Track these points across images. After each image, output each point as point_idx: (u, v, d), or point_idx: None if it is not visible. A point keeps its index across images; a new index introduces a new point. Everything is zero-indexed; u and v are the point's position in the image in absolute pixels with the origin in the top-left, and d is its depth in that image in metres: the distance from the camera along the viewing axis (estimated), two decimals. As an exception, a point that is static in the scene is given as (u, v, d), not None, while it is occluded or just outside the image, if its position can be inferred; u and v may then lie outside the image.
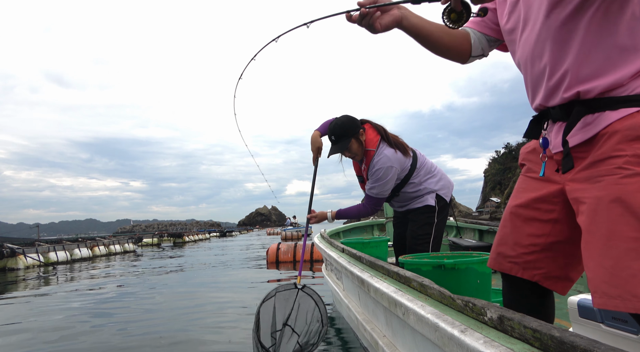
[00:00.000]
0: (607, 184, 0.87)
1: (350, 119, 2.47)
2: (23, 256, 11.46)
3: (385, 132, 2.47)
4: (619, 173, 0.85)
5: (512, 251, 1.15)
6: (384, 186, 2.35)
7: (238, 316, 4.07)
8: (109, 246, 16.39)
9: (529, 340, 0.83)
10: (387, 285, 1.64)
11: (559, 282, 1.12)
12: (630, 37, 0.88)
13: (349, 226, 6.01)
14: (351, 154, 2.47)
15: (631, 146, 0.84)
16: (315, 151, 2.62)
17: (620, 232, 0.83)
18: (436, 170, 2.66)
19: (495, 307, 0.98)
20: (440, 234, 2.57)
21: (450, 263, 1.85)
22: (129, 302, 5.08)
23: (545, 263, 1.10)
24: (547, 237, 1.09)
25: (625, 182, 0.84)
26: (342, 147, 2.40)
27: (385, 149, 2.38)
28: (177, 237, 26.17)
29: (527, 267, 1.12)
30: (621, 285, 0.82)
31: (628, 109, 0.86)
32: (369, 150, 2.43)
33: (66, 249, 13.52)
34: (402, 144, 2.47)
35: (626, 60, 0.89)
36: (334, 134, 2.42)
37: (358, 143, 2.43)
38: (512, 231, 1.16)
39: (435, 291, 1.30)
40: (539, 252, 1.10)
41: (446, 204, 2.61)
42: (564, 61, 0.95)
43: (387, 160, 2.35)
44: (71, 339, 3.43)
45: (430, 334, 1.15)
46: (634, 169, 0.83)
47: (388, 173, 2.34)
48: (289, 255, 8.52)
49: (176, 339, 3.27)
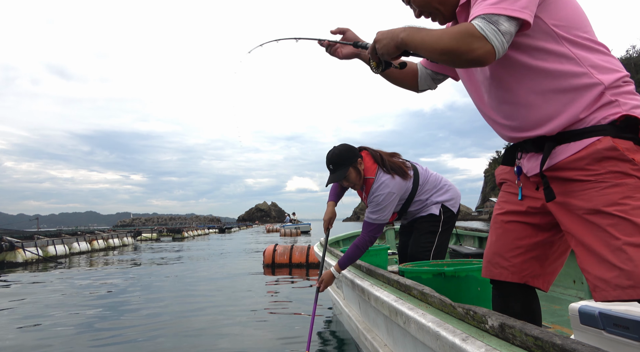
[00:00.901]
0: (589, 197, 1.01)
1: (348, 147, 2.48)
2: (22, 249, 11.45)
3: (382, 159, 2.47)
4: (597, 187, 1.00)
5: (500, 257, 1.24)
6: (383, 211, 2.34)
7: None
8: (107, 240, 16.40)
9: (530, 348, 0.83)
10: (388, 293, 1.64)
11: (541, 279, 1.22)
12: (567, 80, 1.03)
13: (349, 234, 5.99)
14: (349, 183, 2.47)
15: (602, 165, 1.00)
16: (327, 221, 2.68)
17: (616, 233, 0.96)
18: (441, 182, 2.65)
19: (496, 315, 0.98)
20: (444, 244, 2.55)
21: (450, 271, 1.85)
22: (115, 314, 5.03)
23: (530, 263, 1.21)
24: (530, 238, 1.20)
25: (607, 192, 0.98)
26: (339, 176, 2.41)
27: (383, 176, 2.39)
28: (177, 232, 26.13)
29: (515, 270, 1.21)
30: (633, 277, 0.92)
31: (590, 139, 1.01)
32: (368, 179, 2.44)
33: (65, 243, 13.54)
34: (399, 167, 2.46)
35: (573, 100, 1.03)
36: (332, 163, 2.43)
37: (356, 172, 2.43)
38: (498, 239, 1.26)
39: (435, 299, 1.30)
40: (524, 253, 1.21)
41: (453, 215, 2.60)
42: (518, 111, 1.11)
43: (386, 187, 2.36)
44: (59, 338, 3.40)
45: (432, 342, 1.14)
46: (612, 182, 0.98)
47: (388, 199, 2.35)
48: (285, 257, 8.50)
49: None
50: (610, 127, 1.00)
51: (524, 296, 1.24)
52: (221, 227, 40.86)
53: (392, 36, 1.10)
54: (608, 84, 1.02)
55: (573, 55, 1.03)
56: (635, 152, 0.98)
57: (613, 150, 0.98)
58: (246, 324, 4.04)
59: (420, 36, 1.05)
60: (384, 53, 1.14)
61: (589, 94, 1.02)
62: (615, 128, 1.00)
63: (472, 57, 0.97)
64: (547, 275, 1.23)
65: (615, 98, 1.01)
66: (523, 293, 1.24)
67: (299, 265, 8.38)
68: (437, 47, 1.01)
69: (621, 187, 0.97)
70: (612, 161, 0.99)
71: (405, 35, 1.07)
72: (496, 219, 1.28)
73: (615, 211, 0.97)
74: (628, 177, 0.97)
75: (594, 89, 1.02)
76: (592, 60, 1.03)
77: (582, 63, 1.03)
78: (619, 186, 0.97)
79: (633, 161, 0.97)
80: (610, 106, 1.02)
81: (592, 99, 1.02)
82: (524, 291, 1.24)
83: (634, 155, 0.98)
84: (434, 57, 1.05)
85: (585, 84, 1.02)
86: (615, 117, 1.00)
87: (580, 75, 1.03)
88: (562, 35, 1.03)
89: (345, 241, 5.92)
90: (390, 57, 1.16)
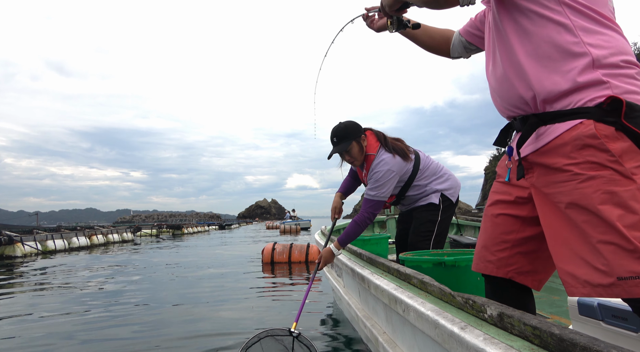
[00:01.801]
0: (569, 190, 0.98)
1: (354, 123, 2.52)
2: (21, 243, 11.47)
3: (385, 138, 2.52)
4: (576, 179, 0.96)
5: (487, 251, 1.23)
6: (382, 188, 2.37)
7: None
8: (107, 235, 16.45)
9: (528, 337, 0.83)
10: (388, 282, 1.65)
11: (530, 277, 1.19)
12: (557, 47, 1.00)
13: (348, 223, 6.01)
14: (351, 157, 2.50)
15: (581, 154, 0.96)
16: (333, 211, 2.72)
17: (589, 230, 0.94)
18: (442, 171, 2.67)
19: (495, 305, 0.98)
20: (443, 233, 2.58)
21: (450, 260, 1.85)
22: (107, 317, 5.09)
23: (516, 259, 1.18)
24: (517, 233, 1.17)
25: (583, 186, 0.95)
26: (342, 148, 2.44)
27: (384, 153, 2.43)
28: (176, 229, 26.33)
29: (500, 265, 1.20)
30: (603, 276, 0.91)
31: (573, 121, 0.98)
32: (369, 155, 2.48)
33: (64, 237, 13.58)
34: (402, 149, 2.49)
35: (558, 68, 1.00)
36: (337, 135, 2.46)
37: (359, 147, 2.47)
38: (485, 232, 1.25)
39: (435, 288, 1.31)
40: (510, 248, 1.18)
41: (452, 204, 2.62)
42: (510, 75, 1.09)
43: (385, 164, 2.39)
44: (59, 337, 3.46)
45: (430, 331, 1.15)
46: (587, 174, 0.95)
47: (387, 176, 2.37)
48: (284, 256, 8.55)
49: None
50: (595, 110, 0.96)
51: (515, 291, 1.21)
52: (221, 224, 40.94)
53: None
54: (597, 58, 0.97)
55: (571, 24, 0.99)
56: (614, 140, 0.93)
57: (593, 138, 0.94)
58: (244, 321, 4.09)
59: None
60: (387, 4, 1.27)
61: (575, 63, 0.98)
62: (600, 111, 0.95)
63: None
64: (539, 273, 1.19)
65: (607, 79, 0.96)
66: (514, 288, 1.21)
67: (299, 263, 8.43)
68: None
69: (596, 180, 0.94)
70: (591, 150, 0.95)
71: None
72: (486, 211, 1.27)
73: (589, 206, 0.94)
74: (604, 169, 0.93)
75: (580, 59, 0.98)
76: (588, 30, 0.99)
77: (577, 32, 0.99)
78: (593, 179, 0.94)
79: (610, 151, 0.93)
80: (600, 87, 0.96)
81: (577, 70, 0.98)
82: (515, 286, 1.21)
83: (612, 144, 0.93)
84: (422, 1, 1.13)
85: (574, 51, 0.99)
86: (602, 99, 0.95)
87: (571, 44, 0.99)
88: (565, 2, 1.00)
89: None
90: (392, 9, 1.28)
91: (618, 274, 0.89)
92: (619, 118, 0.93)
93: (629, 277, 0.88)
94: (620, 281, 0.89)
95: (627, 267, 0.89)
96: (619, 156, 0.92)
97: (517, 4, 1.05)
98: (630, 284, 0.88)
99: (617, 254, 0.90)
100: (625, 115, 0.92)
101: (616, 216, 0.91)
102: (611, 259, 0.90)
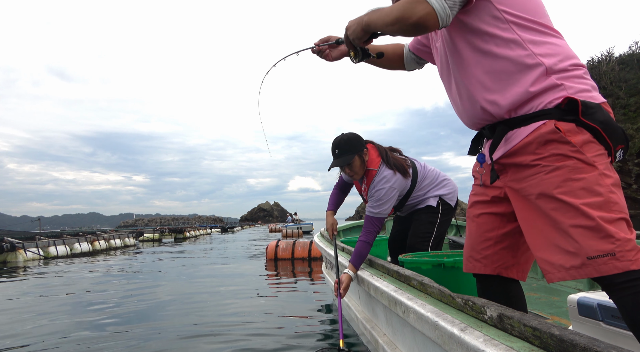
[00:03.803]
0: (537, 182, 1.05)
1: (356, 136, 2.49)
2: (23, 250, 11.51)
3: (386, 154, 2.49)
4: (542, 171, 1.04)
5: (474, 250, 1.29)
6: (384, 205, 2.36)
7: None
8: (109, 241, 16.42)
9: (528, 338, 0.83)
10: (387, 283, 1.65)
11: (514, 269, 1.25)
12: (511, 62, 1.08)
13: (349, 224, 6.01)
14: (351, 171, 2.46)
15: (546, 148, 1.04)
16: (330, 229, 2.77)
17: (558, 216, 1.00)
18: (438, 178, 2.66)
19: (495, 306, 0.98)
20: (442, 235, 2.58)
21: (450, 262, 1.85)
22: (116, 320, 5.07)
23: (501, 255, 1.24)
24: (498, 229, 1.24)
25: (549, 176, 1.02)
26: (344, 161, 2.40)
27: (386, 170, 2.40)
28: (179, 232, 26.42)
29: (487, 263, 1.26)
30: (575, 258, 0.97)
31: (536, 123, 1.06)
32: (371, 170, 2.44)
33: (66, 243, 13.58)
34: (402, 165, 2.47)
35: (517, 80, 1.08)
36: (339, 148, 2.42)
37: (361, 161, 2.44)
38: (470, 233, 1.31)
39: (435, 290, 1.31)
40: (494, 245, 1.24)
41: (451, 208, 2.62)
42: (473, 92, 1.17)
43: (387, 181, 2.37)
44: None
45: (430, 332, 1.15)
46: (553, 165, 1.02)
47: (389, 194, 2.36)
48: (288, 252, 8.57)
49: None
50: (555, 111, 1.04)
51: (505, 286, 1.27)
52: (223, 227, 40.92)
53: (359, 21, 1.19)
54: (550, 66, 1.05)
55: (520, 40, 1.08)
56: (575, 134, 1.01)
57: (554, 133, 1.02)
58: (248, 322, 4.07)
59: (377, 14, 1.13)
60: (355, 38, 1.23)
61: (531, 74, 1.06)
62: (560, 111, 1.04)
63: (415, 19, 1.04)
64: (521, 264, 1.26)
65: (561, 82, 1.05)
66: (503, 284, 1.27)
67: (301, 259, 8.43)
68: (389, 20, 1.09)
69: (562, 170, 1.01)
70: (554, 144, 1.03)
71: (367, 18, 1.16)
72: (468, 214, 1.34)
73: (557, 194, 1.00)
74: (568, 159, 1.01)
75: (535, 70, 1.06)
76: (536, 43, 1.07)
77: (526, 46, 1.07)
78: (559, 169, 1.01)
79: (571, 143, 1.01)
80: (556, 90, 1.05)
81: (533, 79, 1.06)
82: (504, 281, 1.27)
83: (573, 137, 1.01)
84: (391, 29, 1.11)
85: (528, 64, 1.07)
86: (559, 100, 1.04)
87: (524, 57, 1.07)
88: (511, 20, 1.08)
89: (345, 232, 5.94)
90: (361, 41, 1.24)
91: (587, 254, 0.95)
92: (577, 116, 1.02)
93: (597, 256, 0.95)
94: (589, 260, 0.95)
95: (595, 247, 0.95)
96: (580, 147, 1.00)
97: (468, 26, 1.12)
98: (599, 262, 0.94)
99: (585, 235, 0.96)
100: (583, 113, 1.01)
101: (582, 200, 0.98)
102: (581, 241, 0.96)
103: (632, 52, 39.88)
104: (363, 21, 1.17)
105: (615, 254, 0.93)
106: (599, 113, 1.02)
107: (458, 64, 1.20)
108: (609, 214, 0.96)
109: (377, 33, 1.21)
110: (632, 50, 39.30)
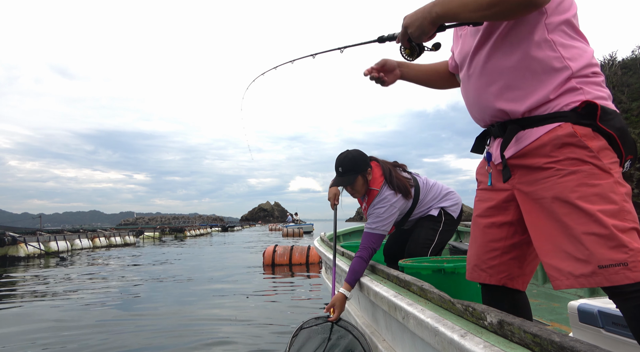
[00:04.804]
0: (550, 185, 1.02)
1: (361, 154, 2.45)
2: (24, 244, 11.68)
3: (390, 173, 2.44)
4: (557, 174, 1.01)
5: (479, 259, 1.26)
6: (383, 222, 2.32)
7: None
8: (109, 238, 16.51)
9: (529, 345, 0.83)
10: (387, 289, 1.64)
11: (520, 280, 1.23)
12: (539, 62, 1.05)
13: (349, 229, 6.00)
14: (353, 190, 2.43)
15: (561, 152, 1.01)
16: (332, 198, 2.64)
17: (570, 222, 0.98)
18: (441, 193, 2.64)
19: (495, 312, 0.98)
20: (442, 243, 2.56)
21: (450, 267, 1.85)
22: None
23: (508, 266, 1.21)
24: (505, 240, 1.20)
25: (564, 180, 1.00)
26: (347, 181, 2.37)
27: (387, 190, 2.37)
28: (179, 231, 26.52)
29: (492, 273, 1.23)
30: (585, 265, 0.94)
31: (551, 124, 1.04)
32: (372, 190, 2.41)
33: (67, 239, 13.76)
34: (404, 186, 2.44)
35: (542, 82, 1.05)
36: (343, 166, 2.38)
37: (363, 181, 2.40)
38: (475, 242, 1.28)
39: (435, 295, 1.30)
40: (500, 256, 1.21)
41: (453, 219, 2.59)
42: (492, 87, 1.13)
43: (388, 202, 2.34)
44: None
45: (430, 338, 1.15)
46: (568, 169, 1.00)
47: (389, 212, 2.34)
48: (285, 258, 8.55)
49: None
50: (571, 114, 1.02)
51: (511, 296, 1.24)
52: (224, 226, 40.95)
53: (424, 14, 1.07)
54: (575, 70, 1.03)
55: (551, 41, 1.05)
56: (592, 139, 1.00)
57: (572, 137, 1.00)
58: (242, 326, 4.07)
59: (457, 1, 1.01)
60: (420, 34, 1.10)
61: (557, 77, 1.04)
62: (576, 115, 1.02)
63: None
64: (526, 275, 1.24)
65: (580, 86, 1.03)
66: (509, 293, 1.24)
67: (299, 265, 8.41)
68: (484, 2, 0.97)
69: (577, 175, 0.99)
70: (570, 148, 1.00)
71: (439, 9, 1.04)
72: (474, 220, 1.30)
73: (570, 199, 0.98)
74: (584, 164, 0.99)
75: (562, 73, 1.04)
76: (565, 46, 1.05)
77: (556, 48, 1.05)
78: (574, 174, 0.99)
79: (589, 148, 0.99)
80: (574, 93, 1.03)
81: (558, 83, 1.04)
82: (509, 291, 1.24)
83: (591, 142, 0.99)
84: (483, 14, 0.99)
85: (555, 67, 1.04)
86: (577, 104, 1.02)
87: (553, 59, 1.05)
88: (555, 23, 1.05)
89: (345, 236, 5.93)
90: (427, 36, 1.11)
91: (599, 262, 0.93)
92: (595, 121, 1.00)
93: (609, 265, 0.92)
94: (601, 269, 0.93)
95: (608, 256, 0.92)
96: (597, 152, 0.98)
97: (504, 25, 1.08)
98: (610, 272, 0.92)
99: (598, 243, 0.94)
100: (600, 118, 0.99)
101: (597, 207, 0.95)
102: (592, 249, 0.94)
103: (635, 57, 40.05)
104: (433, 12, 1.05)
105: (627, 264, 0.91)
106: (616, 120, 1.00)
107: (485, 56, 1.14)
108: (623, 222, 0.94)
109: (445, 25, 1.09)
110: (635, 55, 39.49)
